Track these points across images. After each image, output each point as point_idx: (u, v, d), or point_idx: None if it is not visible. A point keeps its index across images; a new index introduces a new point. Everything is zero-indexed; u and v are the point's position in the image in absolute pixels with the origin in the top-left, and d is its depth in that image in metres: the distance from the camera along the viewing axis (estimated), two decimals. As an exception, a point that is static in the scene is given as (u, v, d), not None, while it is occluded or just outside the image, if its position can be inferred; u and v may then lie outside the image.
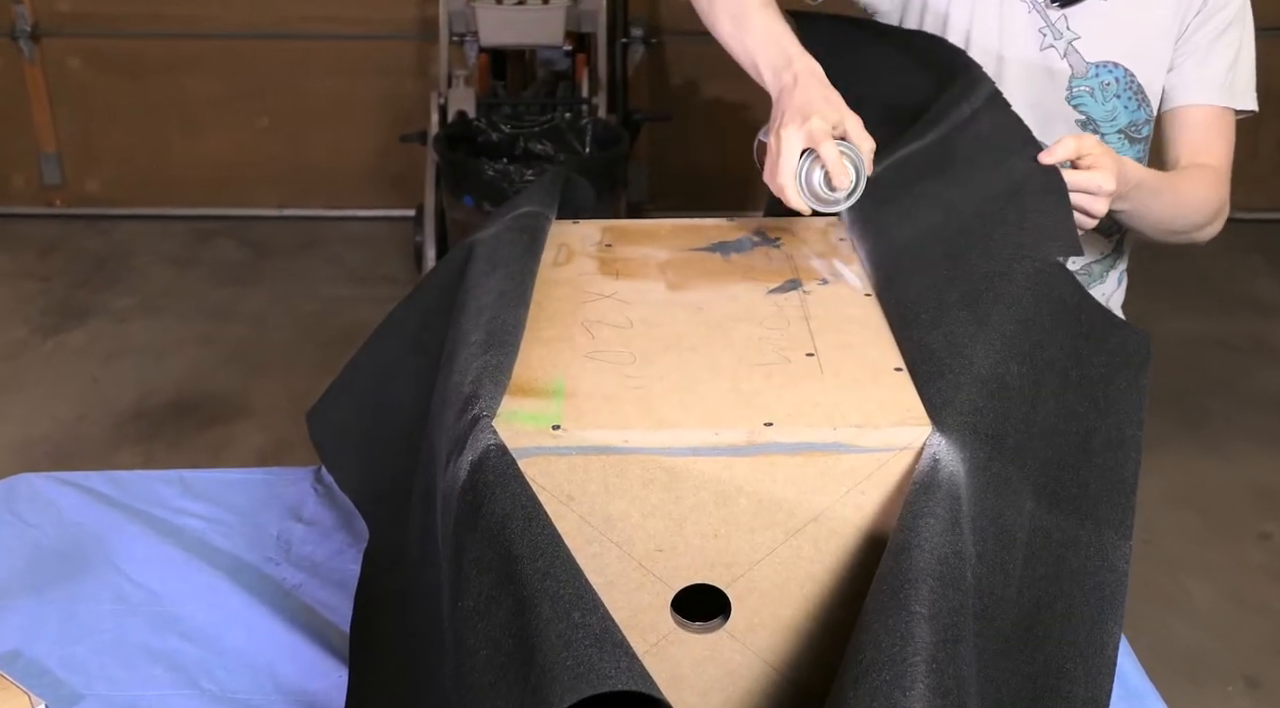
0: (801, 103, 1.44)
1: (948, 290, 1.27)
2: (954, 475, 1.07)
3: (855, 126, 1.43)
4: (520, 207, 1.53)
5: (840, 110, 1.44)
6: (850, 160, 1.41)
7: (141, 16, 4.85)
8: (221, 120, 5.01)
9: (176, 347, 4.03)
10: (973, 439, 1.10)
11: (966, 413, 1.11)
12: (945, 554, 1.02)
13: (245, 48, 4.90)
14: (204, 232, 4.96)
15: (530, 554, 1.00)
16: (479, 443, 1.08)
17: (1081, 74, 1.76)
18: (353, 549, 1.56)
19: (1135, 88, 1.77)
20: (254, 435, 3.53)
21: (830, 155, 1.40)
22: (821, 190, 1.42)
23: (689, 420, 1.11)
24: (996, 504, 1.12)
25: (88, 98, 4.99)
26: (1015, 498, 1.14)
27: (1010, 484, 1.13)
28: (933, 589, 1.00)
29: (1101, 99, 1.77)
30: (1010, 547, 1.13)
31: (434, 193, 4.29)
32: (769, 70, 1.52)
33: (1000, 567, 1.11)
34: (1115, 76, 1.76)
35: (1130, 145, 1.80)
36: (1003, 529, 1.12)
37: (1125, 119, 1.78)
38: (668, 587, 1.15)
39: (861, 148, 1.42)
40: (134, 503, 1.65)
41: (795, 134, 1.41)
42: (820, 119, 1.41)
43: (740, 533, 1.12)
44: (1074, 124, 1.78)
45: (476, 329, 1.24)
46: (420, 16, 4.84)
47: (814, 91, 1.45)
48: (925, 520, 1.03)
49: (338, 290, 4.46)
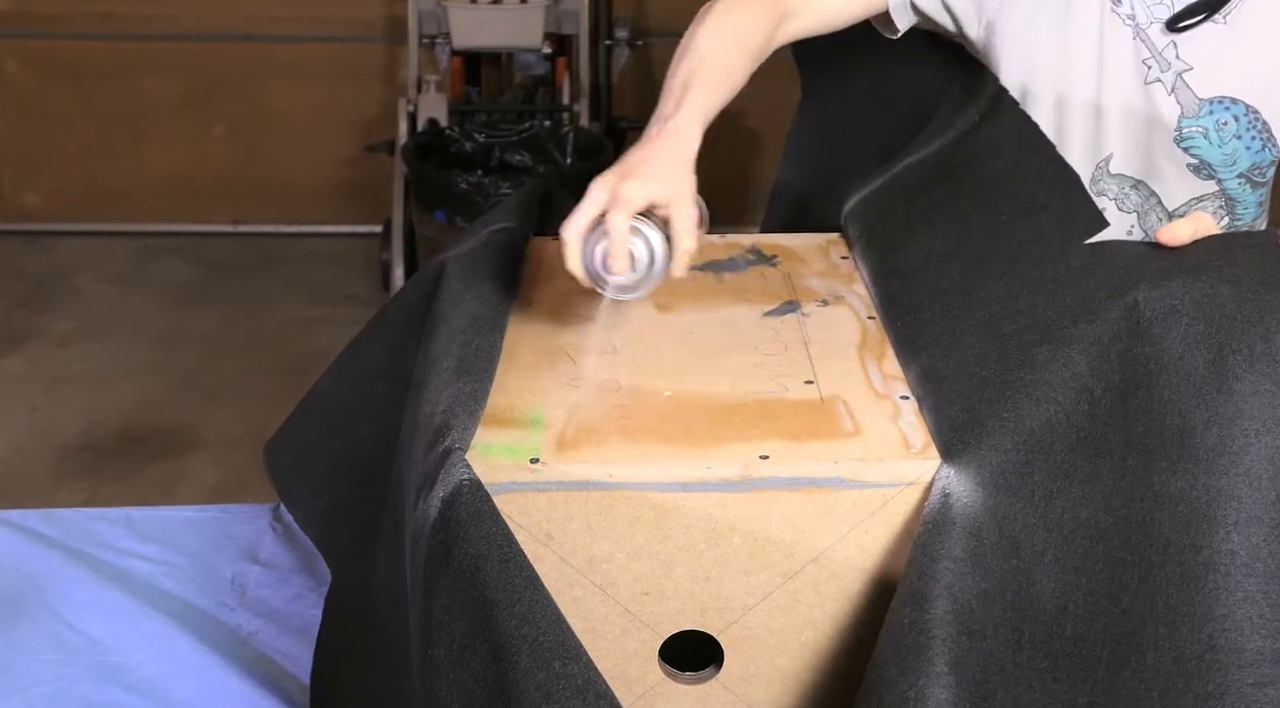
0: (638, 160, 1.31)
1: (962, 316, 1.26)
2: (970, 510, 1.07)
3: (683, 216, 1.28)
4: (496, 222, 1.53)
5: (678, 189, 1.30)
6: (647, 246, 1.27)
7: (87, 16, 4.85)
8: (172, 128, 5.01)
9: (123, 374, 4.02)
10: (991, 469, 1.09)
11: (982, 442, 1.10)
12: (968, 601, 1.02)
13: (199, 50, 4.90)
14: (153, 249, 4.95)
15: (507, 598, 1.00)
16: (451, 478, 1.08)
17: (1193, 113, 1.63)
18: (314, 593, 1.56)
19: (1260, 126, 1.64)
20: (207, 470, 3.52)
21: (616, 229, 1.24)
22: (598, 266, 1.27)
23: (678, 453, 1.11)
24: (1052, 520, 1.09)
25: (26, 104, 4.99)
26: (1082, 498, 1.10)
27: (1061, 494, 1.10)
28: (955, 642, 0.99)
29: (1218, 141, 1.64)
30: (1090, 554, 1.09)
31: (402, 207, 4.29)
32: (655, 115, 1.40)
33: (1078, 577, 1.09)
34: (1234, 114, 1.63)
35: (1253, 190, 1.70)
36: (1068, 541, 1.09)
37: (1248, 162, 1.66)
38: (655, 634, 1.14)
39: (676, 244, 1.27)
40: (76, 544, 1.65)
41: (603, 190, 1.27)
42: (639, 185, 1.27)
43: (734, 575, 1.12)
44: (1185, 169, 1.67)
45: (448, 355, 1.24)
46: (388, 16, 4.85)
47: (663, 155, 1.33)
48: (941, 564, 1.03)
49: (298, 313, 4.45)
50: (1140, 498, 1.07)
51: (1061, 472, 1.08)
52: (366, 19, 4.88)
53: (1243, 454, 1.06)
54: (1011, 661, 1.05)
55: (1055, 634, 1.07)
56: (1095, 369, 1.10)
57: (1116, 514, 1.08)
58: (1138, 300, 1.12)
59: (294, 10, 4.85)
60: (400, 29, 4.60)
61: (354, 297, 4.58)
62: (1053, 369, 1.11)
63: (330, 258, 4.91)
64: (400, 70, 4.74)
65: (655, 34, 4.90)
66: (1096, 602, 1.07)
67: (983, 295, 1.27)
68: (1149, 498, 1.07)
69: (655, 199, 1.27)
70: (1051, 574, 1.08)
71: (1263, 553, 1.04)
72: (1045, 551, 1.08)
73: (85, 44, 4.90)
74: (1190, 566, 1.05)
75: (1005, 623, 1.05)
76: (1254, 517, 1.05)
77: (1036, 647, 1.07)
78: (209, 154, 5.03)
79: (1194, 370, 1.08)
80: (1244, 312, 1.09)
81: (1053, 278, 1.24)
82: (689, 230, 1.28)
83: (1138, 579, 1.07)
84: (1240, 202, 1.69)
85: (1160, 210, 1.68)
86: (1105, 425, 1.09)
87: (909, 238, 1.44)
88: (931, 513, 1.07)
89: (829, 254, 1.54)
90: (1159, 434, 1.08)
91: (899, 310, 1.33)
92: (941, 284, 1.32)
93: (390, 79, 4.91)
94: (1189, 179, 1.67)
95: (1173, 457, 1.07)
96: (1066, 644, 1.07)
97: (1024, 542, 1.08)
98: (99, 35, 4.88)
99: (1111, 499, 1.08)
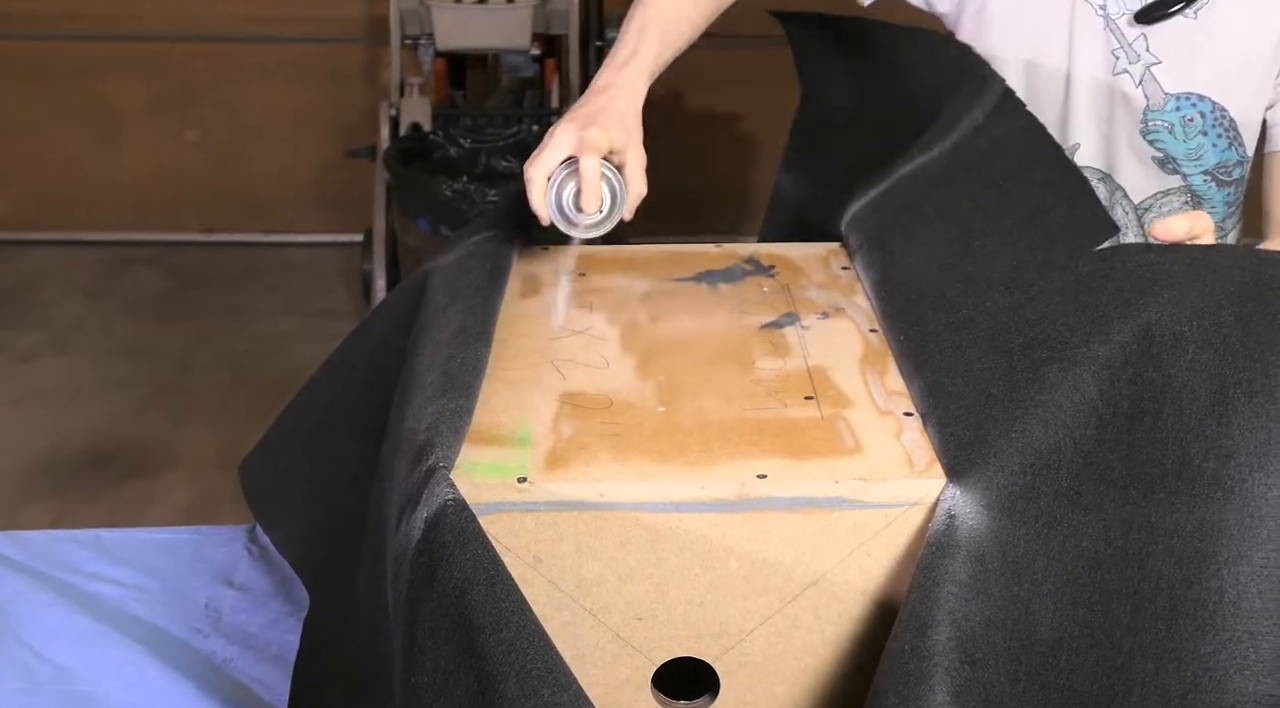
0: (595, 109, 1.47)
1: (967, 328, 1.26)
2: (975, 532, 1.07)
3: (636, 162, 1.45)
4: (482, 231, 1.54)
5: (631, 138, 1.46)
6: (610, 188, 1.44)
7: (53, 15, 4.85)
8: (143, 133, 5.01)
9: (91, 389, 4.01)
10: (997, 490, 1.09)
11: (989, 462, 1.10)
12: (971, 629, 1.02)
13: (171, 51, 4.90)
14: (123, 259, 4.95)
15: (493, 624, 1.00)
16: (435, 498, 1.08)
17: (1159, 107, 1.70)
18: (291, 619, 1.56)
19: (1226, 124, 1.70)
20: (179, 490, 3.52)
21: (589, 171, 1.41)
22: (568, 207, 1.44)
23: (672, 472, 1.11)
24: (1054, 547, 1.10)
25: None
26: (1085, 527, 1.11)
27: (1063, 521, 1.11)
28: (957, 670, 1.00)
29: (1183, 136, 1.70)
30: (1092, 584, 1.10)
31: (384, 215, 4.29)
32: (608, 60, 1.57)
33: (1075, 610, 1.10)
34: (1201, 111, 1.69)
35: (1219, 188, 1.75)
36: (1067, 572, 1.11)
37: (1213, 159, 1.72)
38: (649, 660, 1.15)
39: (630, 187, 1.45)
40: (42, 567, 1.65)
41: (568, 134, 1.43)
42: (601, 132, 1.43)
43: (730, 599, 1.12)
44: (1149, 162, 1.74)
45: (432, 369, 1.24)
46: (368, 16, 4.86)
47: (617, 106, 1.48)
48: (944, 589, 1.03)
49: (275, 326, 4.45)
50: (1138, 529, 1.08)
51: (1066, 498, 1.09)
52: (346, 19, 4.89)
53: (1236, 490, 1.06)
54: (1009, 692, 1.05)
55: (1050, 667, 1.08)
56: (1105, 394, 1.10)
57: (1115, 545, 1.08)
58: (1150, 324, 1.12)
59: (270, 9, 4.85)
60: (381, 29, 4.61)
61: (334, 309, 4.58)
62: (1063, 391, 1.11)
63: (309, 269, 4.91)
64: (382, 72, 4.75)
65: (648, 34, 4.90)
66: (1090, 634, 1.08)
67: (989, 306, 1.27)
68: (1146, 529, 1.08)
69: (614, 146, 1.44)
70: (1050, 604, 1.08)
71: (1249, 592, 1.05)
72: (1045, 579, 1.08)
73: (50, 44, 4.90)
74: (1180, 601, 1.06)
75: (1006, 653, 1.06)
76: (1243, 555, 1.06)
77: (1032, 678, 1.07)
78: (181, 160, 5.03)
79: (1196, 401, 1.08)
80: (1247, 343, 1.09)
81: (1061, 288, 1.24)
82: (640, 175, 1.46)
83: (1130, 613, 1.07)
84: (1207, 199, 1.73)
85: (1126, 203, 1.73)
86: (1111, 452, 1.09)
87: (911, 246, 1.44)
88: (935, 535, 1.07)
89: (829, 264, 1.54)
90: (1160, 464, 1.08)
91: (902, 323, 1.33)
92: (945, 294, 1.33)
93: (371, 82, 4.91)
94: (1154, 173, 1.72)
95: (1170, 488, 1.08)
96: (1060, 677, 1.08)
97: (1025, 568, 1.08)
98: (65, 35, 4.88)
99: (1111, 529, 1.08)
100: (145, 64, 4.92)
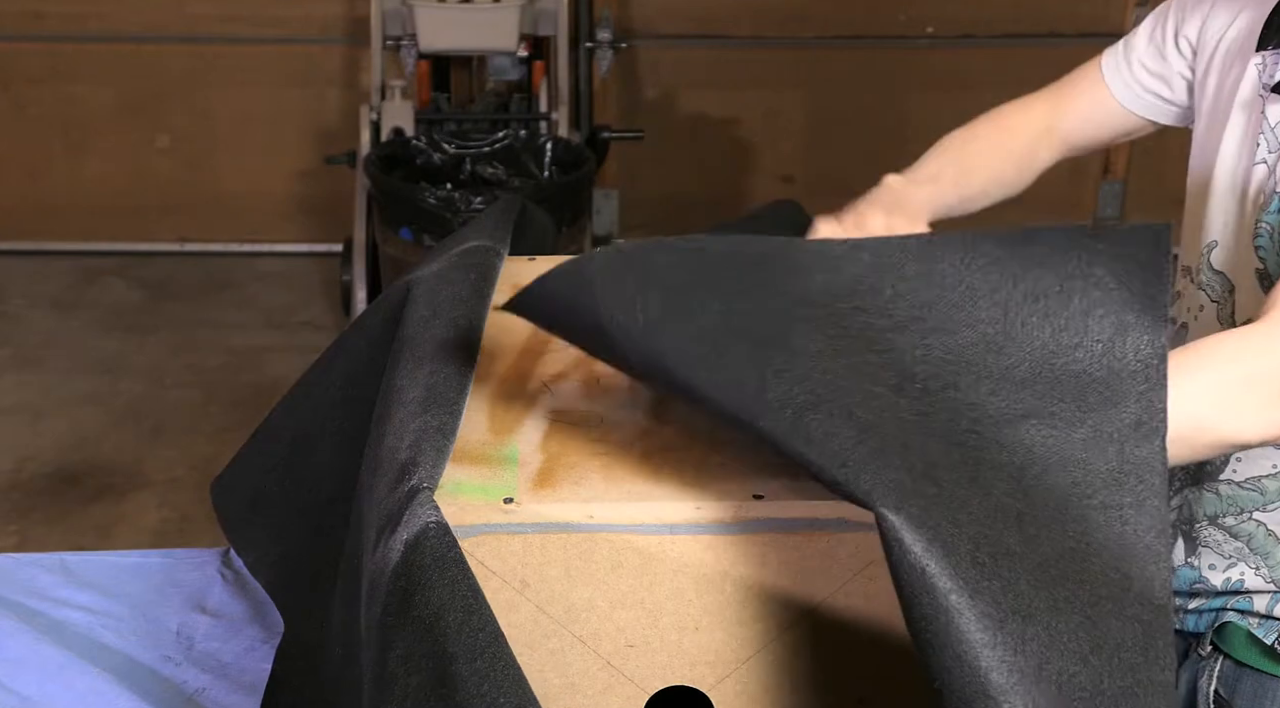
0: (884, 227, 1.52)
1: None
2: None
3: None
4: (467, 241, 1.54)
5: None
6: None
7: (16, 15, 4.85)
8: (111, 139, 5.01)
9: (58, 406, 4.01)
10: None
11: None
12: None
13: (140, 52, 4.91)
14: (91, 270, 4.95)
15: (466, 653, 1.00)
16: (417, 519, 1.08)
17: (1266, 204, 1.41)
18: (266, 646, 1.56)
19: None
20: (149, 512, 3.52)
21: None
22: None
23: (665, 493, 1.11)
24: None
25: (-49, 112, 4.99)
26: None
27: None
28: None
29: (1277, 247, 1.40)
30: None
31: (365, 224, 4.29)
32: (912, 171, 1.66)
33: None
34: None
35: None
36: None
37: None
38: (641, 689, 1.14)
39: None
40: (6, 593, 1.65)
41: None
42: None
43: (726, 626, 1.12)
44: (1253, 275, 1.43)
45: (414, 385, 1.24)
46: (348, 16, 4.87)
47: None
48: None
49: (250, 339, 4.46)
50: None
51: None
52: (325, 18, 4.89)
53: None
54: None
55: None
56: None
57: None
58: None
59: (244, 9, 4.86)
60: (362, 30, 4.61)
61: (311, 322, 4.58)
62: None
63: (286, 280, 4.91)
64: (362, 75, 4.75)
65: (640, 36, 4.91)
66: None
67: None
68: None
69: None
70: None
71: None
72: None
73: (13, 46, 4.90)
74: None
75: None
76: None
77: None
78: (152, 166, 5.03)
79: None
80: None
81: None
82: None
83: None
84: None
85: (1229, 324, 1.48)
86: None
87: None
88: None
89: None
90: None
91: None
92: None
93: (351, 84, 4.91)
94: (1254, 290, 1.44)
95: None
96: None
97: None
98: (28, 36, 4.88)
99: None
100: (113, 66, 4.92)
